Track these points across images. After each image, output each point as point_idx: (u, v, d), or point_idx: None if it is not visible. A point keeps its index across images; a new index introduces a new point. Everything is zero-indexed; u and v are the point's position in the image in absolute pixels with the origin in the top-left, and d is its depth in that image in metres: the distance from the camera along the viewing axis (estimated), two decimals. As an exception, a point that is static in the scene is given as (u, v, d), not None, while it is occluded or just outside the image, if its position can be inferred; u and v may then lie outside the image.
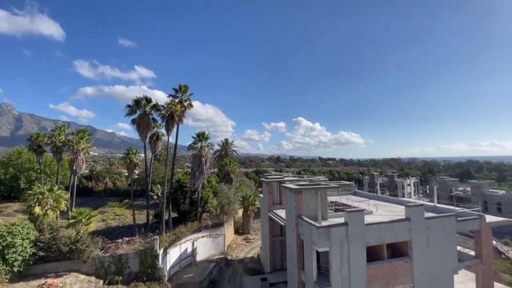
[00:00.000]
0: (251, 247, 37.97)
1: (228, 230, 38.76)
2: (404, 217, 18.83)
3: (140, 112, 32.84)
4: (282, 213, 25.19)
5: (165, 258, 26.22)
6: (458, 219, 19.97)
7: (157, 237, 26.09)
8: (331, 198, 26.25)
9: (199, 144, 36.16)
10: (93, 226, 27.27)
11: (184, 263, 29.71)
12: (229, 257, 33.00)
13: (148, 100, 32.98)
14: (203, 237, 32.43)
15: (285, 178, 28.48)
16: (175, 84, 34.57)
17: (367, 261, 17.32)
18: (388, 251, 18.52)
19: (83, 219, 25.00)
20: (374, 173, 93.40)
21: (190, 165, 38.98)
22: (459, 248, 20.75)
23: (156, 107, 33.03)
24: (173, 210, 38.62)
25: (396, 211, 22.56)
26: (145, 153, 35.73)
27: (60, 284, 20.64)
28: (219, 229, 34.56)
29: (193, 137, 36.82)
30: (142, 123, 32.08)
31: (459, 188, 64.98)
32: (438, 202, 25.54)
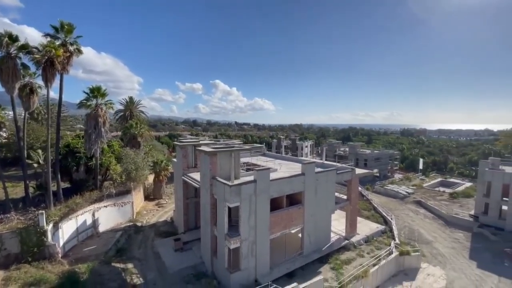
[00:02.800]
0: (164, 211, 37.30)
1: (137, 197, 36.42)
2: (300, 172, 22.37)
3: (2, 53, 24.32)
4: (196, 176, 25.38)
5: (57, 234, 22.75)
6: (337, 172, 25.37)
7: (43, 211, 21.96)
8: (243, 159, 28.10)
9: (94, 102, 30.43)
10: None
11: (84, 236, 26.68)
12: (139, 224, 31.57)
13: (14, 38, 24.48)
14: (106, 206, 29.43)
15: (201, 142, 28.25)
16: (54, 21, 26.30)
17: (270, 210, 20.13)
18: (287, 201, 22.00)
19: None
20: (281, 136, 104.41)
21: (83, 127, 32.77)
22: (336, 194, 26.65)
23: (26, 48, 24.96)
24: (64, 180, 32.79)
25: (295, 168, 26.40)
26: (13, 109, 27.47)
27: None
28: (126, 197, 32.00)
29: (85, 92, 30.36)
30: (6, 70, 23.96)
31: (341, 149, 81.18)
32: (326, 160, 31.41)
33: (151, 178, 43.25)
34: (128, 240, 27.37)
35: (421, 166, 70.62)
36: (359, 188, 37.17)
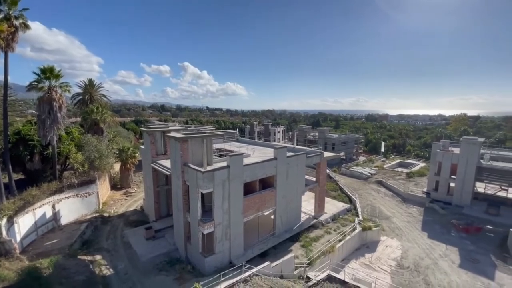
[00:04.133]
0: (133, 200, 36.00)
1: (103, 186, 34.54)
2: (272, 157, 22.83)
3: None
4: (167, 163, 24.65)
5: (12, 229, 20.90)
6: (307, 156, 26.34)
7: (-7, 205, 19.92)
8: (216, 146, 27.83)
9: (47, 83, 27.48)
10: None
11: (44, 230, 24.90)
12: (106, 214, 30.19)
13: None
14: (67, 197, 27.58)
15: (170, 128, 27.23)
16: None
17: (243, 194, 20.44)
18: (260, 185, 22.46)
19: None
20: (254, 122, 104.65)
21: (35, 112, 29.46)
22: (306, 176, 27.78)
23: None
24: (16, 171, 29.85)
25: (268, 153, 26.85)
26: None
27: None
28: (90, 187, 30.19)
29: (35, 73, 27.15)
30: None
31: (311, 134, 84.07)
32: (297, 144, 32.34)
33: (117, 166, 41.13)
34: (94, 231, 26.15)
35: (382, 149, 76.01)
36: (327, 171, 39.14)
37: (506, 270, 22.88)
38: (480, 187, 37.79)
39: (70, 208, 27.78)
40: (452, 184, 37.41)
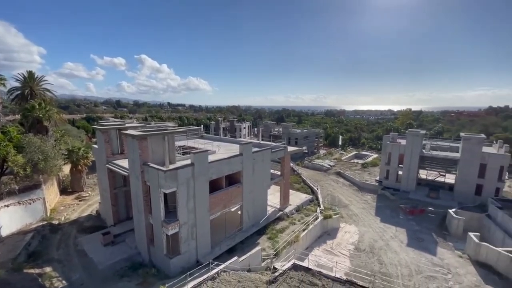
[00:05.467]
0: (87, 205, 33.13)
1: (50, 191, 31.13)
2: (238, 153, 22.86)
3: None
4: (124, 163, 23.13)
5: None
6: (272, 151, 26.92)
7: None
8: (179, 143, 26.86)
9: (-23, 77, 23.81)
10: None
11: (-23, 245, 21.63)
12: (56, 222, 27.35)
13: None
14: (7, 206, 24.33)
15: (127, 125, 25.47)
16: None
17: (210, 192, 20.17)
18: (226, 181, 22.36)
19: None
20: (219, 118, 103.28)
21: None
22: (271, 170, 28.40)
23: None
24: None
25: (233, 149, 26.73)
26: None
27: None
28: (34, 192, 27.02)
29: (-40, 64, 23.36)
30: None
31: (276, 129, 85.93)
32: (262, 140, 32.82)
33: (67, 168, 37.34)
34: (42, 241, 23.54)
35: (340, 142, 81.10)
36: (291, 164, 40.51)
37: (445, 246, 26.32)
38: (423, 174, 42.68)
39: (11, 217, 24.57)
40: (400, 172, 41.59)
